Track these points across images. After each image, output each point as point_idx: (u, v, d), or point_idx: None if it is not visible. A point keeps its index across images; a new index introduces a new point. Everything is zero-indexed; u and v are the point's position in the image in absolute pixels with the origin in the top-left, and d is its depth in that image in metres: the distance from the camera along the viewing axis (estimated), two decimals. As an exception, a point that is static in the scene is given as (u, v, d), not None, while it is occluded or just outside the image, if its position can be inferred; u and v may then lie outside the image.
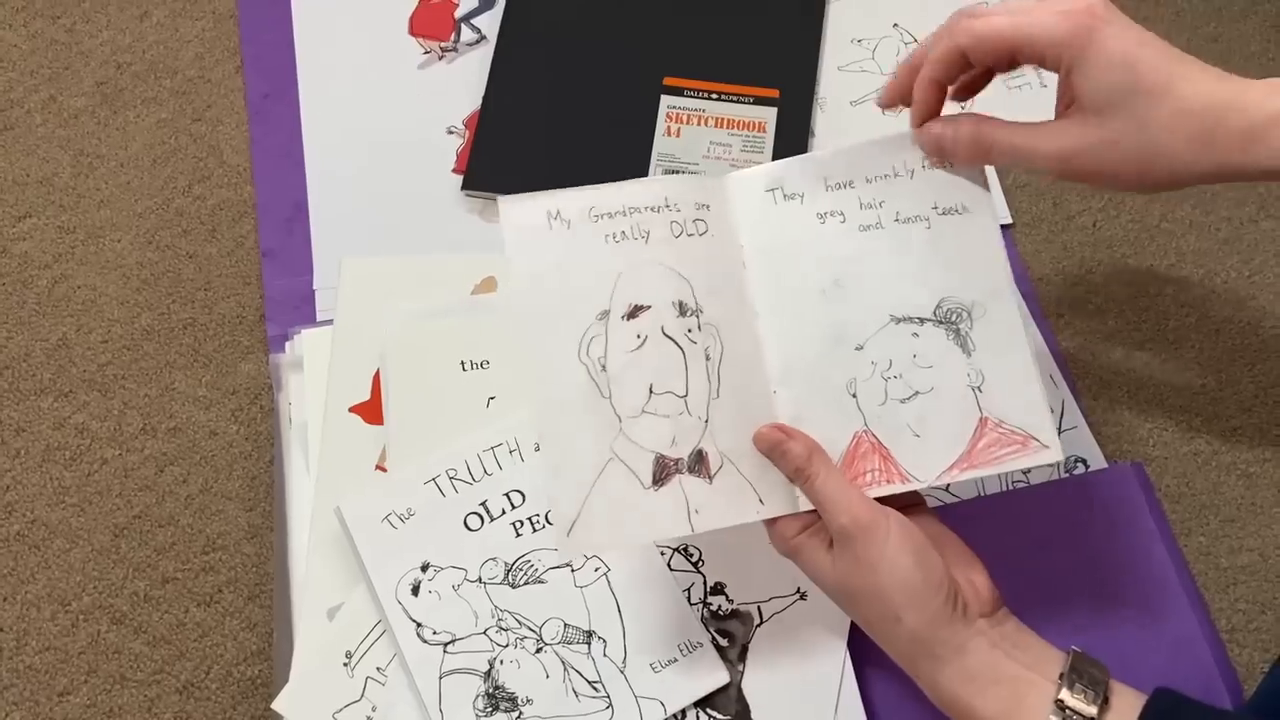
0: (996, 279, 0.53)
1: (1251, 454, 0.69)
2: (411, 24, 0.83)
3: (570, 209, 0.53)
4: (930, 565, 0.49)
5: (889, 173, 0.54)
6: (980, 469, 0.52)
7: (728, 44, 0.80)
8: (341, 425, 0.66)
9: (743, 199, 0.55)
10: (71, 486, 0.70)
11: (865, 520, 0.49)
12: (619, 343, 0.52)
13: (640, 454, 0.51)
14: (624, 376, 0.52)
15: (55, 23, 0.84)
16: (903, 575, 0.49)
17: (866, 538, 0.49)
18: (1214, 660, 0.61)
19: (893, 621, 0.50)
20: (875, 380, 0.53)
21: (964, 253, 0.53)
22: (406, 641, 0.59)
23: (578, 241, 0.53)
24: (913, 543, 0.49)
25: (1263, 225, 0.75)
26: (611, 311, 0.52)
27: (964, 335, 0.53)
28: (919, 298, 0.53)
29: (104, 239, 0.77)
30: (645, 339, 0.52)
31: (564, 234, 0.53)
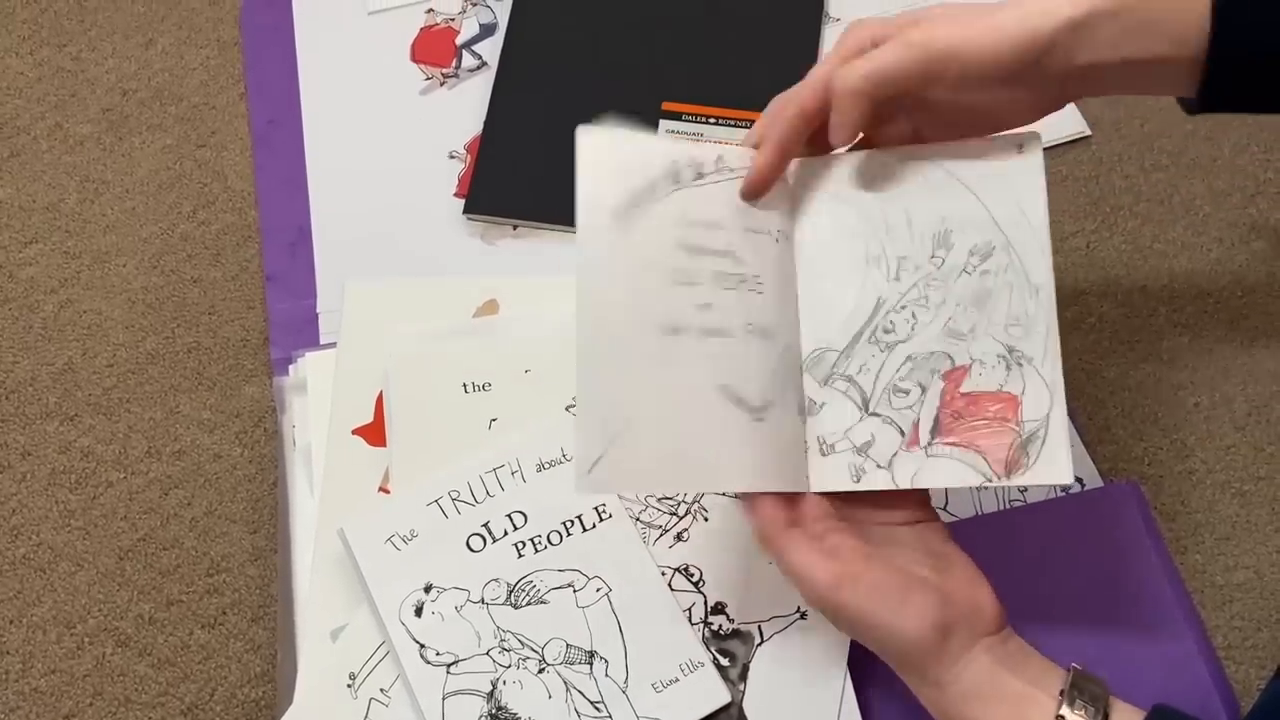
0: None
1: (1246, 472, 0.69)
2: (413, 51, 0.84)
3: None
4: (911, 610, 0.49)
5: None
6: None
7: (725, 68, 0.81)
8: (345, 447, 0.67)
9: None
10: (77, 510, 0.70)
11: (828, 597, 0.49)
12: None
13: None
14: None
15: (61, 50, 0.85)
16: (884, 629, 0.49)
17: (838, 604, 0.49)
18: (1210, 677, 0.62)
19: (892, 658, 0.51)
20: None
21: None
22: (410, 662, 0.59)
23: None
24: (888, 594, 0.49)
25: (1254, 245, 0.76)
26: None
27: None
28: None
29: (109, 264, 0.77)
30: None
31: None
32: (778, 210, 0.55)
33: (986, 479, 0.51)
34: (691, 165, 0.53)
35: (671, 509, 0.65)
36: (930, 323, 0.53)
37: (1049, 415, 0.51)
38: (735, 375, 0.51)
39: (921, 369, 0.53)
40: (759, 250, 0.53)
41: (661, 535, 0.64)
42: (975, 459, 0.52)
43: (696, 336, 0.51)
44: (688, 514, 0.65)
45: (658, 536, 0.64)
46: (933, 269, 0.53)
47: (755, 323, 0.52)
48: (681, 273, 0.51)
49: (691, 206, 0.52)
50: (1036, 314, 0.52)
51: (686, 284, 0.51)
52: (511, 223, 0.77)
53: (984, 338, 0.52)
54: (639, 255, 0.50)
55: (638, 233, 0.50)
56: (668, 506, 0.65)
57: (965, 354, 0.52)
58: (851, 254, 0.54)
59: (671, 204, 0.51)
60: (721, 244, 0.52)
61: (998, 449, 0.51)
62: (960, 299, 0.53)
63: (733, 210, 0.53)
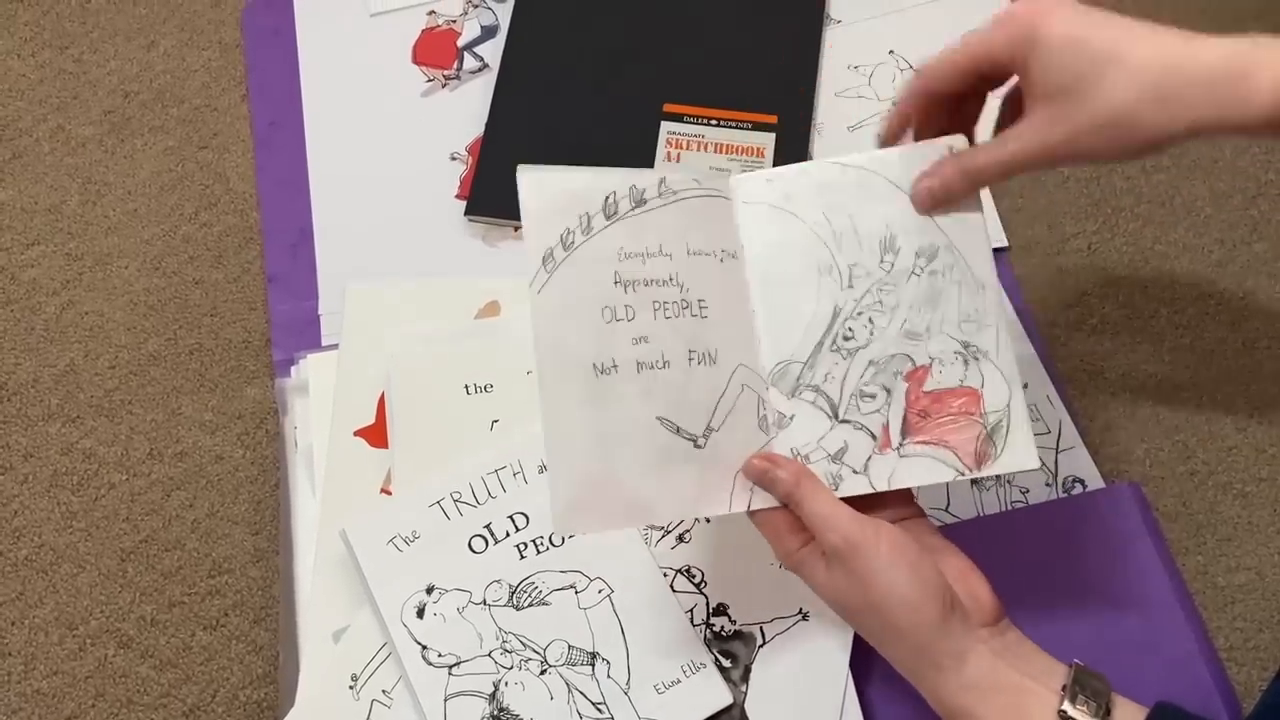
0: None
1: (1247, 473, 0.69)
2: (415, 53, 0.84)
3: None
4: (925, 576, 0.49)
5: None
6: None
7: (726, 70, 0.81)
8: (346, 449, 0.67)
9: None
10: (79, 511, 0.70)
11: (856, 537, 0.50)
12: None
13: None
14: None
15: (63, 53, 0.85)
16: (898, 588, 0.49)
17: (858, 553, 0.50)
18: (1212, 679, 0.62)
19: (893, 633, 0.50)
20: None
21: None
22: (412, 664, 0.59)
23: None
24: (906, 554, 0.50)
25: (1255, 247, 0.76)
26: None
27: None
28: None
29: (111, 266, 0.77)
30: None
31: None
32: (721, 229, 0.55)
33: (959, 472, 0.53)
34: (631, 194, 0.53)
35: (673, 510, 0.65)
36: (887, 326, 0.54)
37: (1009, 405, 0.53)
38: (673, 405, 0.51)
39: (884, 372, 0.54)
40: (703, 273, 0.54)
41: (663, 536, 0.64)
42: (946, 455, 0.53)
43: (629, 373, 0.51)
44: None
45: (659, 537, 0.64)
46: (883, 274, 0.54)
47: (698, 349, 0.53)
48: (615, 309, 0.51)
49: (630, 237, 0.52)
50: (985, 308, 0.54)
51: (622, 320, 0.51)
52: (513, 224, 0.77)
53: (940, 336, 0.54)
54: (572, 296, 0.51)
55: (571, 274, 0.51)
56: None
57: (924, 353, 0.54)
58: (804, 265, 0.55)
59: (607, 239, 0.52)
60: (662, 272, 0.53)
61: (966, 443, 0.53)
62: (913, 301, 0.54)
63: (675, 234, 0.53)
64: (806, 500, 0.51)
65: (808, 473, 0.52)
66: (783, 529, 0.52)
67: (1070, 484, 0.68)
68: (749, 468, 0.52)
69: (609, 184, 0.53)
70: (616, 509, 0.50)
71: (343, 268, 0.76)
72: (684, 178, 0.54)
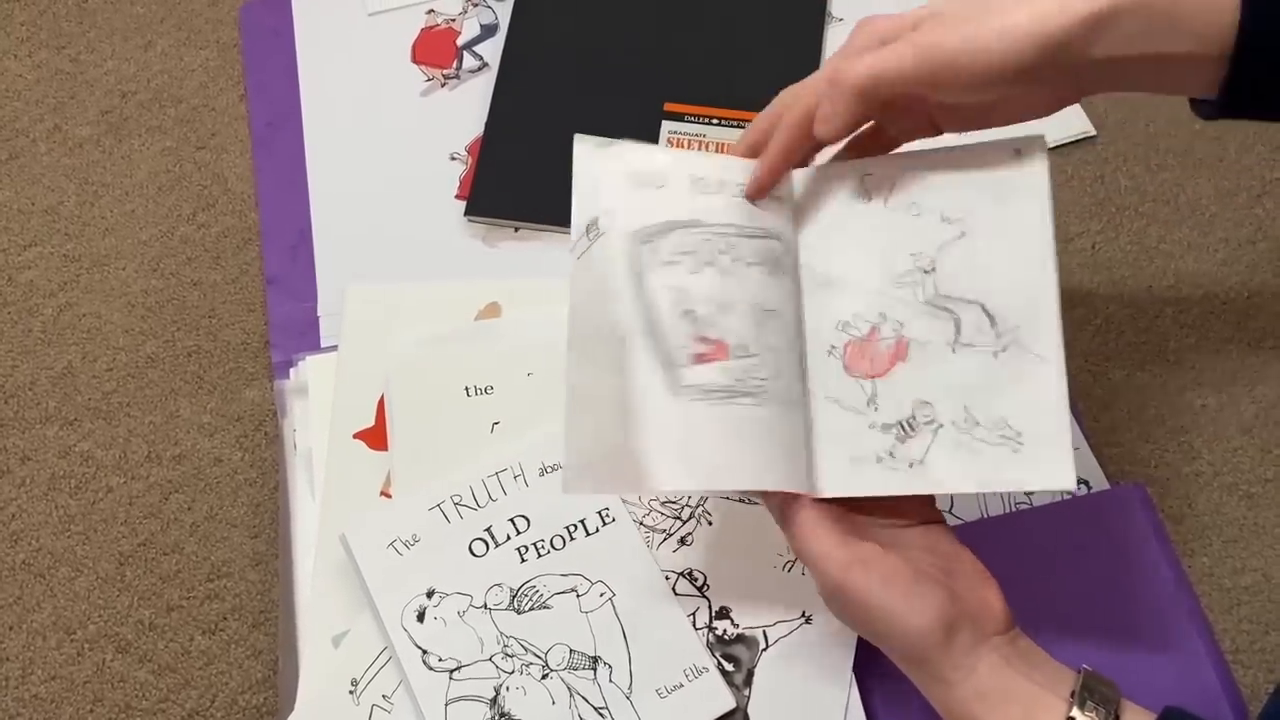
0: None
1: (1253, 474, 0.69)
2: (414, 52, 0.84)
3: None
4: (922, 601, 0.49)
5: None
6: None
7: (727, 69, 0.81)
8: (346, 451, 0.67)
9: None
10: (76, 514, 0.70)
11: (838, 579, 0.49)
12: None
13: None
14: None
15: (60, 53, 0.85)
16: (894, 618, 0.49)
17: (846, 593, 0.49)
18: (1219, 681, 0.61)
19: (899, 654, 0.50)
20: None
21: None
22: (412, 669, 0.59)
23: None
24: (898, 583, 0.49)
25: (1260, 247, 0.75)
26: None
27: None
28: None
29: (109, 267, 0.77)
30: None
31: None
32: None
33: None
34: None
35: (675, 513, 0.64)
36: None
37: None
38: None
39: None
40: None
41: (665, 539, 0.64)
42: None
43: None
44: (691, 518, 0.64)
45: (661, 541, 0.63)
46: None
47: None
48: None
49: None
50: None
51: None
52: (513, 224, 0.77)
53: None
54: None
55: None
56: (671, 510, 0.64)
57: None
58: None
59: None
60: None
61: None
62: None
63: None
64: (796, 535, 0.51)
65: (797, 505, 0.51)
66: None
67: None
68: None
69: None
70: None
71: (342, 269, 0.76)
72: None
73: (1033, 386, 0.51)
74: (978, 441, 0.51)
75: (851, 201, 0.54)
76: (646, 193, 0.53)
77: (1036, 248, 0.52)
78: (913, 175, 0.53)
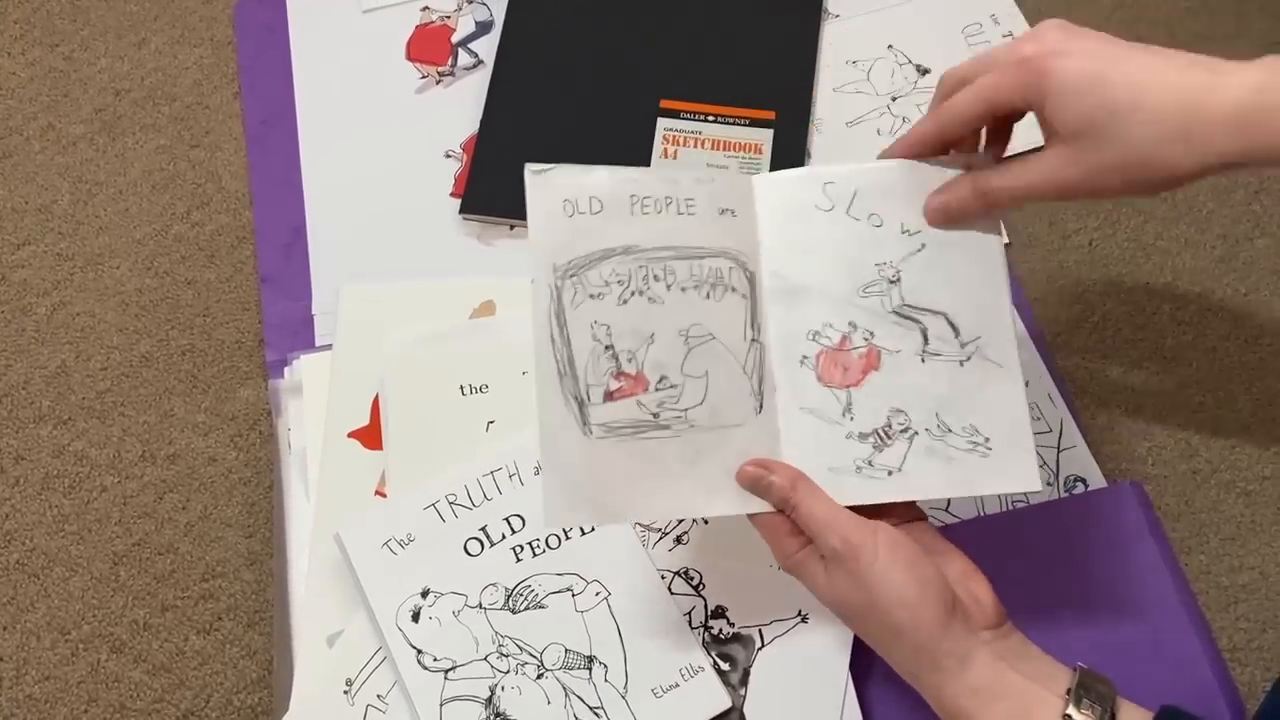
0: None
1: (1250, 472, 0.69)
2: (409, 49, 0.84)
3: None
4: (925, 577, 0.49)
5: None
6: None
7: (723, 66, 0.80)
8: (340, 451, 0.66)
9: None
10: (70, 514, 0.69)
11: (854, 540, 0.49)
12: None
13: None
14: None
15: (54, 50, 0.84)
16: (897, 590, 0.49)
17: (857, 555, 0.49)
18: (1216, 679, 0.61)
19: (893, 634, 0.50)
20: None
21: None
22: (407, 668, 0.59)
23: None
24: (904, 556, 0.49)
25: (1258, 243, 0.75)
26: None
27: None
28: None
29: (103, 266, 0.77)
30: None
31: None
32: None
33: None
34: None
35: (671, 512, 0.64)
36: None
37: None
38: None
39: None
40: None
41: (661, 538, 0.63)
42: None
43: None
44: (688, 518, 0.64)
45: (657, 540, 0.63)
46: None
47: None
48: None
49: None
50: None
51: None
52: (508, 222, 0.77)
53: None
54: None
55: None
56: (667, 509, 0.64)
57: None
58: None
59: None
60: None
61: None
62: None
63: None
64: (803, 504, 0.51)
65: (803, 477, 0.52)
66: (781, 531, 0.52)
67: (1072, 483, 0.68)
68: (742, 474, 0.52)
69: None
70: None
71: (336, 267, 0.75)
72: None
73: (997, 394, 0.53)
74: (950, 448, 0.53)
75: (814, 211, 0.54)
76: (580, 220, 0.52)
77: (990, 261, 0.54)
78: (872, 187, 0.54)
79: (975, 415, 0.53)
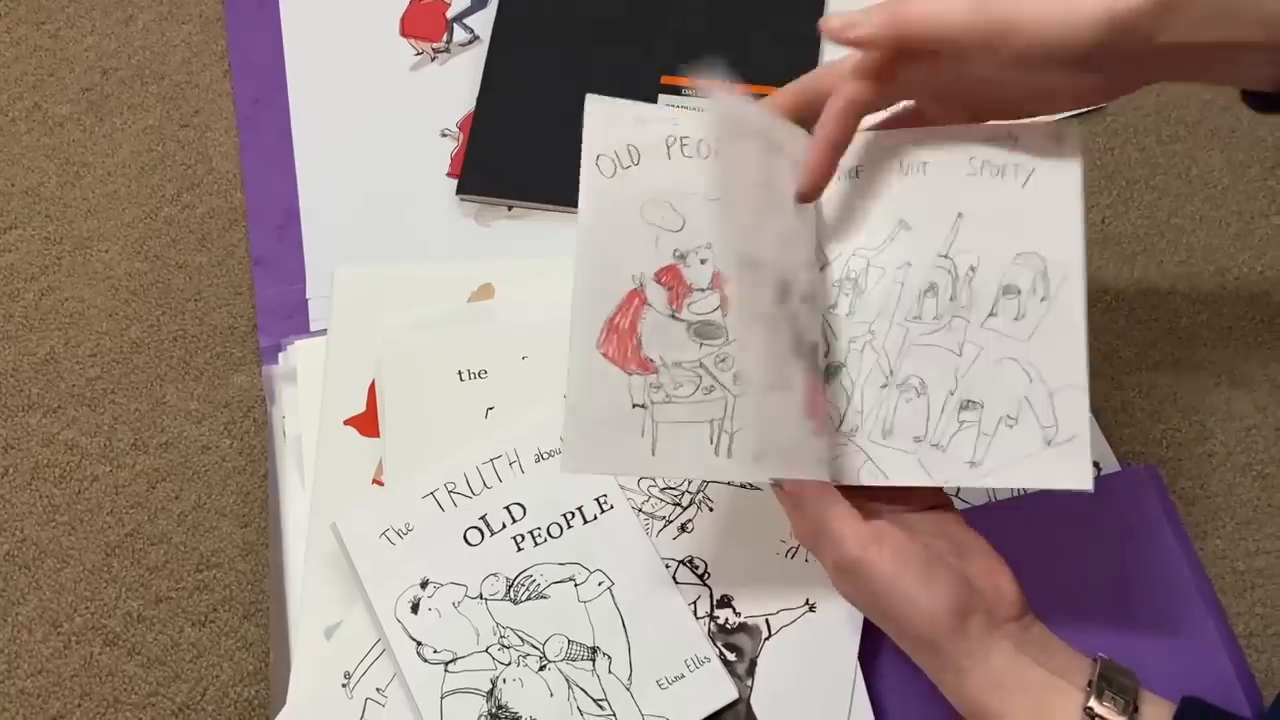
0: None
1: (1267, 454, 0.67)
2: (403, 25, 0.82)
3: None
4: (936, 582, 0.47)
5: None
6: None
7: (725, 42, 0.78)
8: (336, 438, 0.65)
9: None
10: (61, 504, 0.68)
11: (855, 554, 0.48)
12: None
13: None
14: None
15: (39, 28, 0.82)
16: (908, 598, 0.47)
17: (860, 569, 0.48)
18: (1232, 666, 0.60)
19: (909, 638, 0.49)
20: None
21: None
22: (406, 661, 0.58)
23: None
24: (912, 564, 0.47)
25: (1274, 220, 0.73)
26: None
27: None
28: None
29: (91, 250, 0.75)
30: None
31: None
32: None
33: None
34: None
35: (675, 499, 0.63)
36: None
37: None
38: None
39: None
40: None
41: (665, 526, 0.62)
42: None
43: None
44: (692, 504, 0.63)
45: (661, 528, 0.62)
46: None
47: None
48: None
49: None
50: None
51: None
52: (506, 203, 0.75)
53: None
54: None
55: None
56: (671, 497, 0.63)
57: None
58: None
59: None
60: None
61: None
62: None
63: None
64: (810, 507, 0.49)
65: (810, 481, 0.49)
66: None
67: (1085, 467, 0.66)
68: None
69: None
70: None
71: (331, 250, 0.74)
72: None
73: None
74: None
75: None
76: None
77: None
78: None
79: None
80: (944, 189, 0.51)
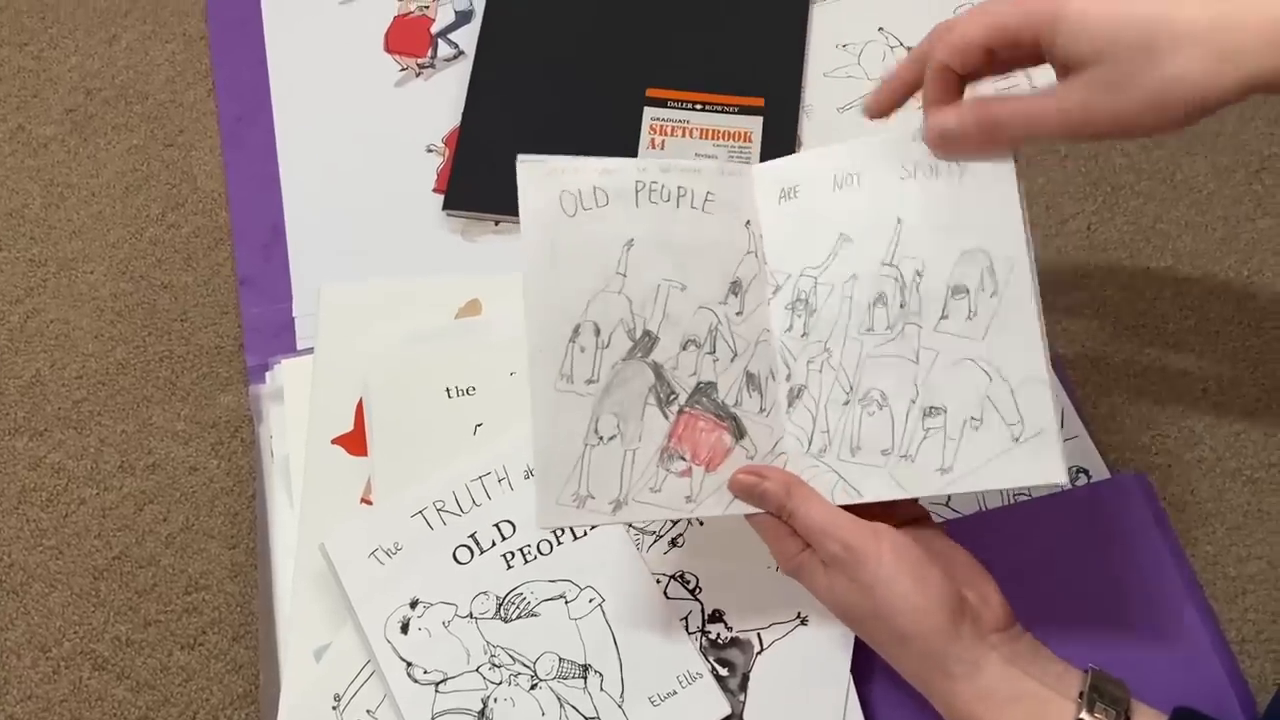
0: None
1: (1256, 459, 0.67)
2: (387, 41, 0.82)
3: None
4: (930, 581, 0.48)
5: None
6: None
7: (710, 53, 0.78)
8: (324, 457, 0.65)
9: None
10: (49, 528, 0.68)
11: (856, 545, 0.48)
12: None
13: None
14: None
15: (22, 49, 0.82)
16: (903, 595, 0.47)
17: (859, 561, 0.48)
18: (1225, 672, 0.60)
19: (900, 641, 0.48)
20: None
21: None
22: (397, 682, 0.57)
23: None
24: (908, 561, 0.48)
25: (1260, 224, 0.74)
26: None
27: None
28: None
29: (76, 271, 0.75)
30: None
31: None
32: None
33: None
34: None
35: (665, 514, 0.62)
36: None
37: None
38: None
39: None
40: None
41: (655, 541, 0.62)
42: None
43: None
44: (681, 519, 0.62)
45: (651, 543, 0.62)
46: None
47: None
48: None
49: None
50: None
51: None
52: (493, 218, 0.75)
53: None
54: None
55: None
56: (661, 512, 0.62)
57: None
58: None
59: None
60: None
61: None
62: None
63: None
64: (800, 510, 0.49)
65: (798, 481, 0.50)
66: (781, 533, 0.51)
67: (1074, 475, 0.66)
68: (734, 483, 0.50)
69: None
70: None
71: (317, 268, 0.74)
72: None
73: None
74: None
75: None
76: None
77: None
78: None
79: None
80: (880, 197, 0.51)
